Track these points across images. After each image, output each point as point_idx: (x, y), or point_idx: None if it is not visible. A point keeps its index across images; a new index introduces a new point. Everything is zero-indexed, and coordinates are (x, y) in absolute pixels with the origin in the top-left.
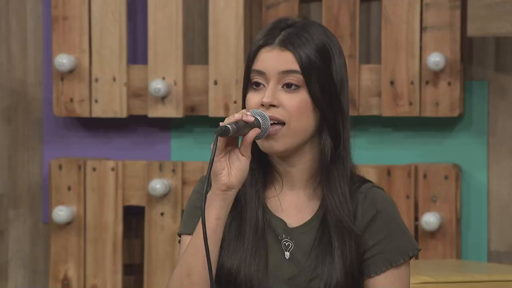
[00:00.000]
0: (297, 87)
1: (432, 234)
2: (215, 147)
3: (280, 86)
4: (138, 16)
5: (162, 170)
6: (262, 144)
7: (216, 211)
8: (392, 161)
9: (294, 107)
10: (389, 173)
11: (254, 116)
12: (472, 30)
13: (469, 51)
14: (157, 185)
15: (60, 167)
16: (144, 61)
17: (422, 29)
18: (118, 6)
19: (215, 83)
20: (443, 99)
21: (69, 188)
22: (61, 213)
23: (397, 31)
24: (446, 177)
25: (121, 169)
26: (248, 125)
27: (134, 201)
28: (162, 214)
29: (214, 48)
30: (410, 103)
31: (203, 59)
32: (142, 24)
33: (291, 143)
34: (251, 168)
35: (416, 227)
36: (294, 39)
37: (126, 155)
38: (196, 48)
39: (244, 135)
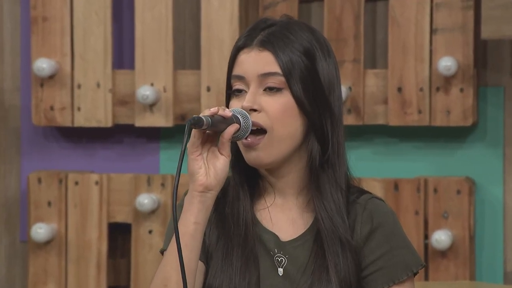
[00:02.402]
0: (279, 89)
1: (443, 254)
2: (187, 137)
3: (261, 90)
4: (124, 17)
5: (151, 184)
6: (248, 157)
7: (194, 215)
8: (399, 174)
9: (277, 111)
10: (396, 187)
11: (234, 114)
12: (486, 32)
13: (483, 55)
14: (145, 200)
15: (39, 180)
16: (131, 66)
17: (432, 31)
18: (103, 6)
19: (208, 89)
20: (455, 107)
21: (49, 204)
22: (40, 230)
23: (405, 33)
24: (458, 192)
25: (106, 182)
26: (226, 121)
27: (120, 217)
28: (150, 231)
29: (207, 52)
30: (419, 111)
31: (195, 64)
32: (128, 26)
33: (278, 153)
34: (238, 182)
35: (426, 246)
36: (274, 39)
37: (111, 167)
38: (187, 52)
39: (222, 132)
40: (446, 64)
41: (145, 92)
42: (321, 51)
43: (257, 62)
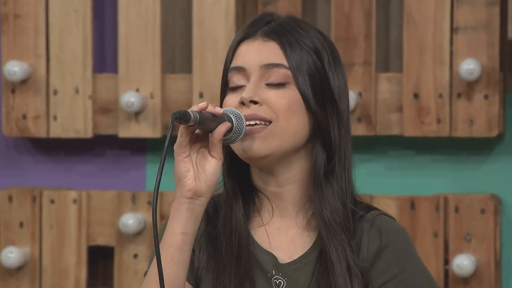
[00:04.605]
0: (282, 85)
1: (466, 281)
2: (170, 131)
3: (263, 83)
4: (106, 14)
5: (136, 202)
6: (240, 147)
7: (181, 224)
8: (416, 191)
9: (282, 104)
10: (412, 205)
11: (226, 113)
12: None
13: (510, 56)
14: (130, 220)
15: (10, 198)
16: (114, 70)
17: (452, 30)
18: (82, 2)
19: (201, 95)
20: (478, 116)
21: (21, 225)
22: (11, 255)
23: (422, 33)
24: (482, 211)
25: (85, 201)
26: (216, 119)
27: (101, 240)
28: (135, 256)
29: (200, 53)
30: (438, 121)
31: (186, 67)
32: (111, 24)
33: (277, 147)
34: (231, 195)
35: (446, 272)
36: (281, 30)
37: (92, 184)
38: (177, 53)
39: (212, 131)
40: (469, 67)
41: (129, 98)
42: (332, 56)
43: (260, 52)
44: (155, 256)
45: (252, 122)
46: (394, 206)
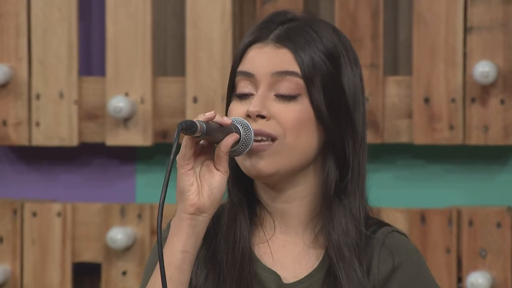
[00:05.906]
0: (294, 97)
1: None
2: (176, 143)
3: (273, 94)
4: (93, 13)
5: (125, 215)
6: (245, 164)
7: (182, 241)
8: (427, 203)
9: (291, 119)
10: (423, 219)
11: (233, 123)
12: None
13: None
14: (118, 235)
15: None
16: (101, 72)
17: (466, 30)
18: (67, 1)
19: (195, 100)
20: (494, 122)
21: (1, 240)
22: None
23: (434, 33)
24: (498, 225)
25: (70, 214)
26: (224, 130)
27: (87, 256)
28: (124, 273)
29: (193, 55)
30: (451, 127)
31: (179, 70)
32: (98, 24)
33: (284, 165)
34: (236, 206)
35: None
36: (294, 35)
37: (77, 195)
38: (169, 55)
39: (218, 143)
40: (484, 70)
41: (118, 103)
42: (347, 57)
43: (272, 59)
44: (154, 274)
45: (258, 138)
46: (404, 219)
